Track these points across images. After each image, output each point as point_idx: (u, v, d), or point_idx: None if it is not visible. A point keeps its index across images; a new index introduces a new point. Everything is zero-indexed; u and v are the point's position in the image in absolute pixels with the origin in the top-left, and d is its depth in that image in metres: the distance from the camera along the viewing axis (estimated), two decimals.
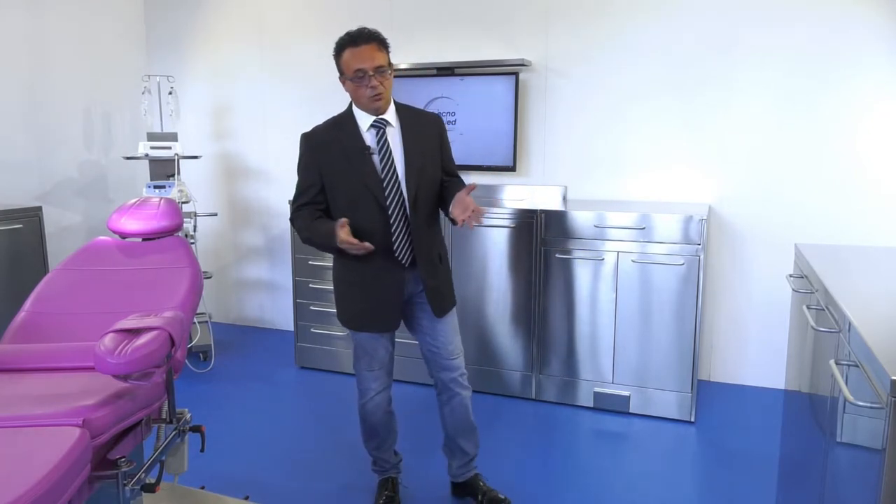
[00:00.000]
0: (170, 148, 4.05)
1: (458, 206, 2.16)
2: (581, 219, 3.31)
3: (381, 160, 2.21)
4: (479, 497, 2.50)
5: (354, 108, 2.25)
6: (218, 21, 4.67)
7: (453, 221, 2.20)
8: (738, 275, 3.67)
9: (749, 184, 3.58)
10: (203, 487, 2.46)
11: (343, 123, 2.25)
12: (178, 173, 4.00)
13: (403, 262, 2.26)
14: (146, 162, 4.17)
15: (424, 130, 2.32)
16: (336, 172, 2.22)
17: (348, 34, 2.17)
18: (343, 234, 2.09)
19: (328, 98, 4.42)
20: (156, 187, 3.93)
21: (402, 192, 2.23)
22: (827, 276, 1.78)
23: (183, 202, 3.84)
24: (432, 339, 2.37)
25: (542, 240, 3.39)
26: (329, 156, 2.22)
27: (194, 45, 4.76)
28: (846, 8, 3.30)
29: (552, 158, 3.93)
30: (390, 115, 2.26)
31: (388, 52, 2.19)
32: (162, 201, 2.44)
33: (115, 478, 1.65)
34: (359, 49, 2.13)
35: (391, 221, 2.21)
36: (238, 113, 4.71)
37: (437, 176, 2.34)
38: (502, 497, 2.48)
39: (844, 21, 3.31)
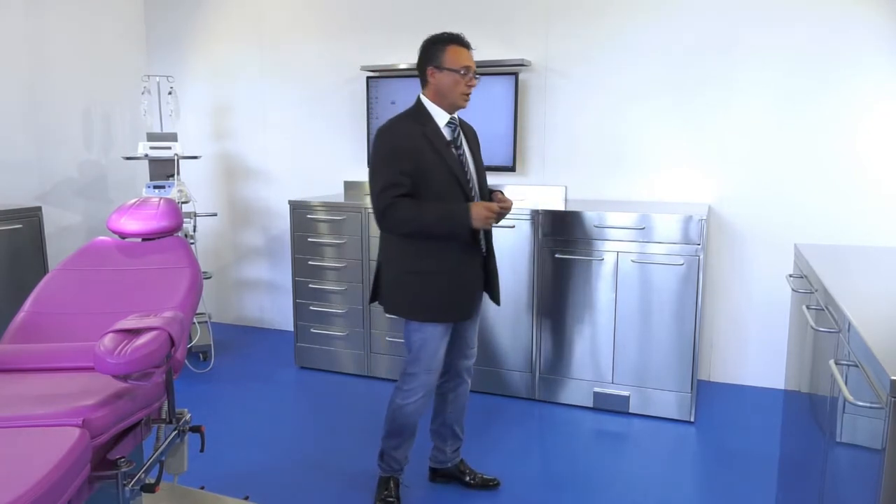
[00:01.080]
0: (169, 148, 4.05)
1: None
2: (581, 219, 3.31)
3: (459, 154, 2.34)
4: (468, 479, 2.64)
5: (429, 105, 2.31)
6: (218, 21, 4.67)
7: None
8: (737, 275, 3.67)
9: (749, 184, 3.58)
10: (203, 487, 2.46)
11: (422, 118, 2.31)
12: (178, 173, 4.00)
13: (483, 250, 2.40)
14: (146, 162, 4.17)
15: (474, 137, 2.53)
16: (428, 162, 2.25)
17: (451, 33, 2.31)
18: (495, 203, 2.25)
19: (328, 98, 4.43)
20: (155, 187, 3.93)
21: (474, 184, 2.37)
22: (826, 276, 1.78)
23: (183, 202, 3.84)
24: (465, 329, 2.49)
25: (542, 240, 3.39)
26: (417, 147, 2.25)
27: (194, 45, 4.76)
28: (846, 8, 3.30)
29: (552, 158, 3.94)
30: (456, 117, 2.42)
31: None
32: (161, 201, 2.44)
33: (115, 478, 1.65)
34: (466, 51, 2.30)
35: None
36: (238, 113, 4.71)
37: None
38: (490, 477, 2.66)
39: (844, 21, 3.31)
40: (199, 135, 4.78)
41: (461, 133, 2.37)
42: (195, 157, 4.22)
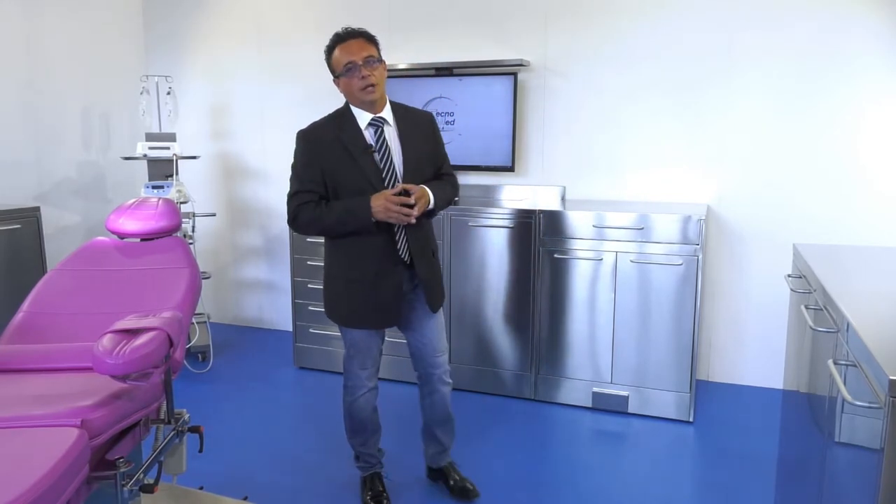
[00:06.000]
0: (168, 148, 4.04)
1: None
2: (579, 219, 3.31)
3: (381, 158, 2.24)
4: (451, 483, 2.58)
5: (353, 108, 2.27)
6: (216, 21, 4.67)
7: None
8: (736, 275, 3.68)
9: (747, 184, 3.58)
10: (202, 488, 2.46)
11: (342, 122, 2.27)
12: (177, 173, 4.00)
13: (404, 258, 2.29)
14: (144, 162, 4.16)
15: (419, 129, 2.35)
16: (338, 170, 2.23)
17: (336, 34, 2.25)
18: (391, 193, 2.13)
19: (326, 98, 4.40)
20: (154, 188, 3.92)
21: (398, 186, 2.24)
22: (825, 276, 1.78)
23: (181, 202, 3.84)
24: (420, 335, 2.42)
25: (541, 240, 3.39)
26: (331, 154, 2.22)
27: (192, 45, 4.76)
28: (844, 9, 3.30)
29: (550, 158, 3.94)
30: (387, 113, 2.28)
31: (377, 47, 2.23)
32: (160, 202, 2.44)
33: (114, 478, 1.65)
34: (346, 44, 2.20)
35: None
36: (236, 113, 4.71)
37: (430, 175, 2.37)
38: (471, 487, 2.56)
39: (843, 21, 3.31)
40: (198, 135, 4.78)
41: (384, 134, 2.25)
42: (194, 158, 4.22)
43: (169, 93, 4.25)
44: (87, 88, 4.48)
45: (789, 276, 2.22)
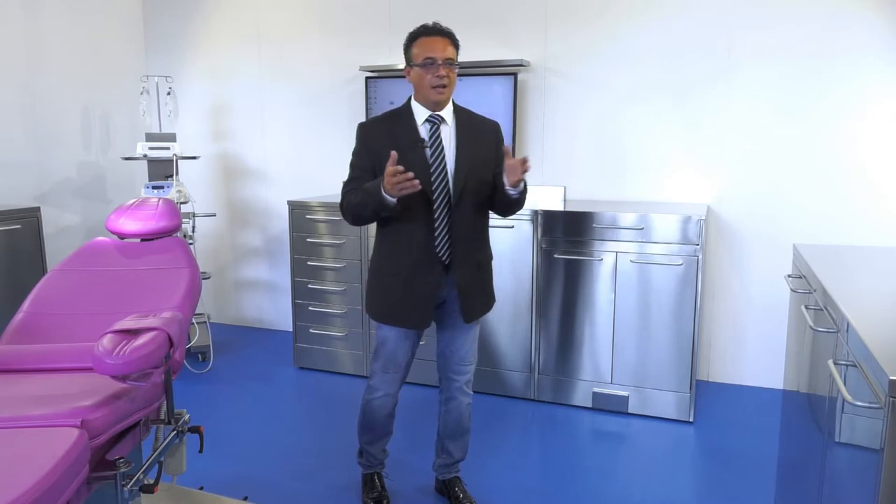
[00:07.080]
0: (168, 148, 4.04)
1: (509, 172, 2.15)
2: (580, 219, 3.31)
3: (433, 153, 2.20)
4: (452, 499, 2.52)
5: (413, 103, 2.27)
6: (216, 22, 4.67)
7: (508, 193, 2.20)
8: (736, 275, 3.68)
9: (747, 184, 3.58)
10: (202, 488, 2.46)
11: (400, 117, 2.27)
12: (177, 174, 4.00)
13: (444, 259, 2.24)
14: (144, 162, 4.16)
15: (480, 134, 2.30)
16: (385, 161, 2.17)
17: (424, 26, 2.24)
18: (390, 165, 2.02)
19: (326, 98, 4.43)
20: (154, 188, 3.92)
21: (448, 189, 2.20)
22: (825, 276, 1.78)
23: (181, 203, 3.84)
24: (451, 341, 2.38)
25: (541, 240, 3.39)
26: (382, 147, 2.18)
27: (193, 45, 4.76)
28: (845, 8, 3.30)
29: (551, 159, 3.94)
30: (447, 113, 2.26)
31: (457, 53, 2.24)
32: (160, 202, 2.44)
33: (114, 479, 1.65)
34: (432, 39, 2.20)
35: (435, 216, 2.18)
36: (236, 113, 4.71)
37: (488, 180, 2.27)
38: None
39: (843, 21, 3.31)
40: (198, 135, 4.78)
41: (439, 131, 2.22)
42: (194, 158, 4.22)
43: (169, 93, 4.25)
44: (88, 88, 4.48)
45: (789, 276, 2.22)
